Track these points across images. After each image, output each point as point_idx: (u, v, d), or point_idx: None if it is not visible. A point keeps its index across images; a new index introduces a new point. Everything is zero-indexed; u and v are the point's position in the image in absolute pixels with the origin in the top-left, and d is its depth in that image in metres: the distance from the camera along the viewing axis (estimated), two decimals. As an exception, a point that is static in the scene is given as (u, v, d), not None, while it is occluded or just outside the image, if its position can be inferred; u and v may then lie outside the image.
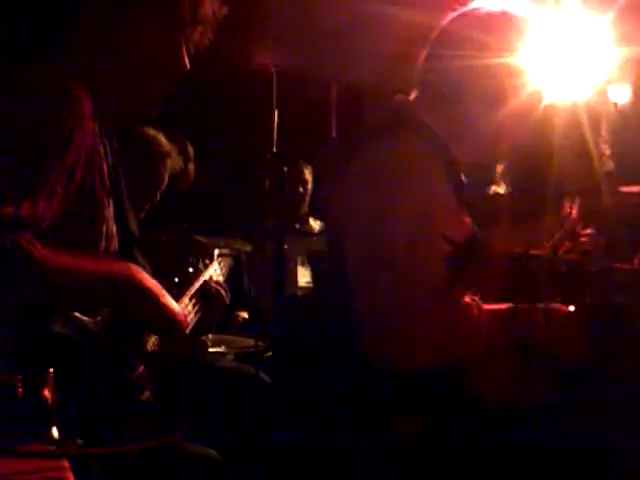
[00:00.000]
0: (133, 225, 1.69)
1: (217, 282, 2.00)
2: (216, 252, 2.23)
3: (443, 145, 1.87)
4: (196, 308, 1.84)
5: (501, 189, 2.56)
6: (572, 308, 1.84)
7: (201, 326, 1.86)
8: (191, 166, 3.71)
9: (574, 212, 2.15)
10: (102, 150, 1.56)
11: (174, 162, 3.13)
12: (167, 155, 3.03)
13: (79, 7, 1.55)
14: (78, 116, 1.41)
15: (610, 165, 2.42)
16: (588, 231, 2.06)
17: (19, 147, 1.33)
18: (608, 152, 2.38)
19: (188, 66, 1.60)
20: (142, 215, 2.96)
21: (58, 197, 1.35)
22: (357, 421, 1.81)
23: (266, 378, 2.94)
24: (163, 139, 3.02)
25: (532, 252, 1.85)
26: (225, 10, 1.64)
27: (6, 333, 1.32)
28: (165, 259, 2.21)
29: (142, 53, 1.55)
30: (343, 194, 1.89)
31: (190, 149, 3.67)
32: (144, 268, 1.54)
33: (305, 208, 4.40)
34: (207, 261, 2.15)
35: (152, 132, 2.98)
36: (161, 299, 1.50)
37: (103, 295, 1.44)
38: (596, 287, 1.87)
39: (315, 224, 4.40)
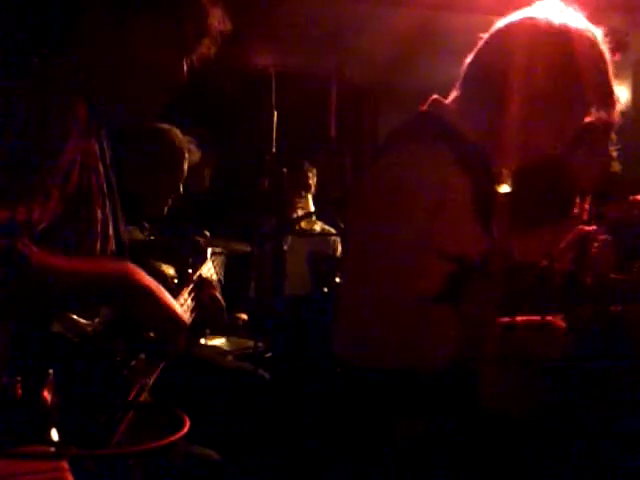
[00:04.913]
0: (123, 227, 1.69)
1: (206, 278, 2.01)
2: (209, 251, 2.24)
3: (478, 154, 1.79)
4: (192, 306, 1.85)
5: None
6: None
7: (198, 324, 1.87)
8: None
9: (585, 214, 2.11)
10: (98, 151, 1.56)
11: (193, 154, 3.16)
12: (186, 148, 3.07)
13: (80, 8, 1.55)
14: (72, 118, 1.40)
15: (617, 166, 2.42)
16: (601, 236, 2.01)
17: (13, 151, 1.33)
18: (615, 153, 2.38)
19: (185, 79, 1.59)
20: (166, 209, 2.99)
21: (54, 200, 1.35)
22: (356, 422, 1.80)
23: (266, 376, 2.94)
24: (179, 133, 3.05)
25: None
26: (229, 25, 1.63)
27: (5, 335, 1.32)
28: (169, 260, 2.22)
29: (140, 61, 1.55)
30: (354, 202, 1.87)
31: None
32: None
33: (309, 208, 4.40)
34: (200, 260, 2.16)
35: (167, 127, 3.01)
36: (160, 298, 1.49)
37: (100, 296, 1.44)
38: (592, 298, 1.85)
39: (317, 225, 4.40)
